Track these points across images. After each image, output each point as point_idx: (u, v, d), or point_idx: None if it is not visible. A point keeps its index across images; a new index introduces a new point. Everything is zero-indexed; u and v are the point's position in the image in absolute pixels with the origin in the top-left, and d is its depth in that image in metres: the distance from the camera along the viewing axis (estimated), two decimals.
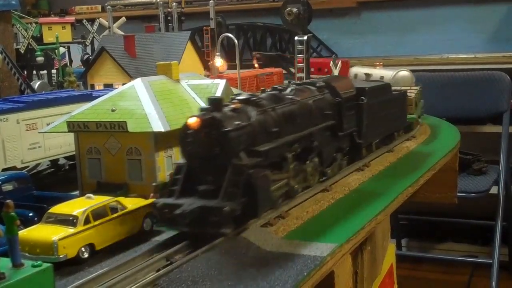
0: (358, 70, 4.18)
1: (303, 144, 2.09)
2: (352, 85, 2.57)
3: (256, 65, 4.70)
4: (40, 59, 4.54)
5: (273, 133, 1.92)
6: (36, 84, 4.19)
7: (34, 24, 4.92)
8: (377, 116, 2.71)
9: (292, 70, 4.92)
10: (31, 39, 4.57)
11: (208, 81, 2.72)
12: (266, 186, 1.78)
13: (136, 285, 1.45)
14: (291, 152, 2.00)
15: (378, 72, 3.97)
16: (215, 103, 1.79)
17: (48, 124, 2.59)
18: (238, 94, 2.01)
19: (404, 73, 3.88)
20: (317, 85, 2.36)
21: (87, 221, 1.73)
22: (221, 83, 2.63)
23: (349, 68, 4.34)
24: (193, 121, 1.75)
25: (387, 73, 3.90)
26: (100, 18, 5.22)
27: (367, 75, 3.99)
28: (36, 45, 4.57)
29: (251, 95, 1.96)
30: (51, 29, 4.83)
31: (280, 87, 2.15)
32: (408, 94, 3.29)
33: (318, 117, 2.24)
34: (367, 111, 2.58)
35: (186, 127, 1.76)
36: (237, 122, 1.77)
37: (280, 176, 1.92)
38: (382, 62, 4.27)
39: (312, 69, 4.34)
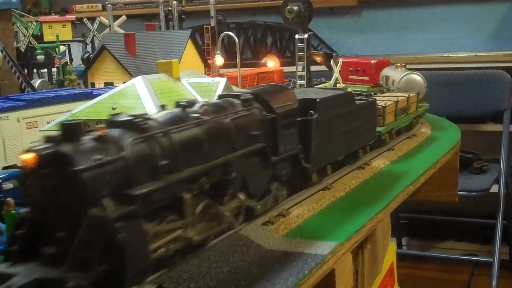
0: (385, 73, 3.76)
1: (215, 177, 1.61)
2: (293, 96, 2.04)
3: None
4: (40, 57, 4.54)
5: (162, 168, 1.41)
6: (37, 82, 4.18)
7: (34, 23, 4.91)
8: (333, 133, 2.24)
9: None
10: (31, 38, 4.56)
11: (208, 79, 2.73)
12: (140, 245, 1.29)
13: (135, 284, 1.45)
14: (194, 190, 1.52)
15: (392, 75, 3.60)
16: (68, 129, 1.28)
17: (48, 123, 2.59)
18: (117, 115, 1.45)
19: (411, 76, 3.43)
20: (242, 98, 1.82)
21: None
22: (222, 81, 2.63)
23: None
24: (27, 157, 1.24)
25: (397, 76, 3.52)
26: (101, 17, 5.22)
27: (386, 78, 3.63)
28: (37, 44, 4.57)
29: (135, 116, 1.43)
30: (51, 28, 4.83)
31: (185, 103, 1.64)
32: (378, 102, 2.81)
33: (240, 140, 1.73)
34: (317, 128, 2.09)
35: (24, 164, 1.25)
36: (98, 157, 1.26)
37: (174, 225, 1.45)
38: (403, 63, 3.75)
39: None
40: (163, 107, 1.64)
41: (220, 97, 1.89)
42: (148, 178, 1.37)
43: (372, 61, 3.99)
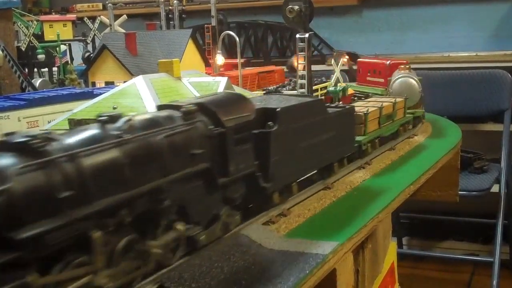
0: (393, 74, 3.43)
1: (141, 207, 1.33)
2: (249, 106, 1.77)
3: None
4: (41, 56, 4.53)
5: (64, 201, 1.13)
6: (37, 81, 4.17)
7: (35, 22, 4.91)
8: (298, 146, 1.96)
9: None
10: (32, 37, 4.56)
11: (209, 78, 2.73)
12: None
13: (137, 284, 1.45)
14: (111, 225, 1.24)
15: (393, 77, 3.36)
16: None
17: (49, 122, 2.59)
18: (11, 135, 1.17)
19: (404, 80, 3.21)
20: (183, 109, 1.54)
21: None
22: (223, 81, 2.63)
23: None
24: None
25: (392, 79, 3.32)
26: (101, 16, 5.21)
27: (389, 81, 3.41)
28: (37, 43, 4.56)
29: (33, 136, 1.14)
30: (52, 27, 4.82)
31: (106, 117, 1.33)
32: (360, 109, 2.59)
33: (177, 160, 1.44)
34: (277, 142, 1.81)
35: None
36: None
37: (77, 271, 1.17)
38: (408, 63, 3.45)
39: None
40: (79, 122, 1.36)
41: (159, 108, 1.61)
42: (42, 215, 1.09)
43: (387, 62, 3.69)
